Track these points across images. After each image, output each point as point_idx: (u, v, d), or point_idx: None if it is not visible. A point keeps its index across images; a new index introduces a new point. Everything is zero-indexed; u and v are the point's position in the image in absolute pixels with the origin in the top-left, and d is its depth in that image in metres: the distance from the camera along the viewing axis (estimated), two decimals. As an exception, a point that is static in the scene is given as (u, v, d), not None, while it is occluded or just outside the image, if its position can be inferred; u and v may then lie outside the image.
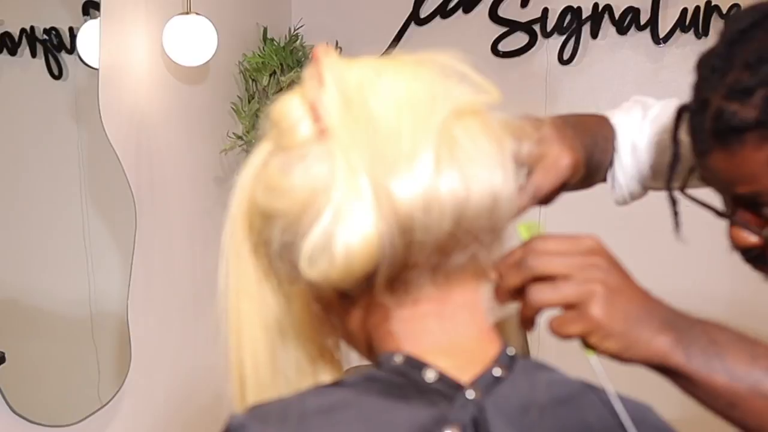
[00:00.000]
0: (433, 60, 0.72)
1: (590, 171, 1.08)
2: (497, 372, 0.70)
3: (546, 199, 0.92)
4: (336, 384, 0.70)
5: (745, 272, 0.97)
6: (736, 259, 0.96)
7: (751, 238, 0.90)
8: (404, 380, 0.68)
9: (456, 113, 0.69)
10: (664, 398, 1.30)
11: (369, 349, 0.75)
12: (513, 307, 0.77)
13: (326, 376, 0.79)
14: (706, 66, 0.89)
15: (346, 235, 0.64)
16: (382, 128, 0.67)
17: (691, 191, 0.97)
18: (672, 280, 2.32)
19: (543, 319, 0.78)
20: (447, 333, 0.71)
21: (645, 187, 1.20)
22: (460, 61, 0.73)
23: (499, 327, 0.76)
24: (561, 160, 0.89)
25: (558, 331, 0.74)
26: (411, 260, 0.67)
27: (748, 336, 0.79)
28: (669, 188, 0.96)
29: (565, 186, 0.92)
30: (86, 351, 2.15)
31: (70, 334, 2.09)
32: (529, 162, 0.80)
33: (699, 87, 0.89)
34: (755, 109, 0.82)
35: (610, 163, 1.19)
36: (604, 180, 1.21)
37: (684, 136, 0.93)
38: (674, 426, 0.76)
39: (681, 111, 0.93)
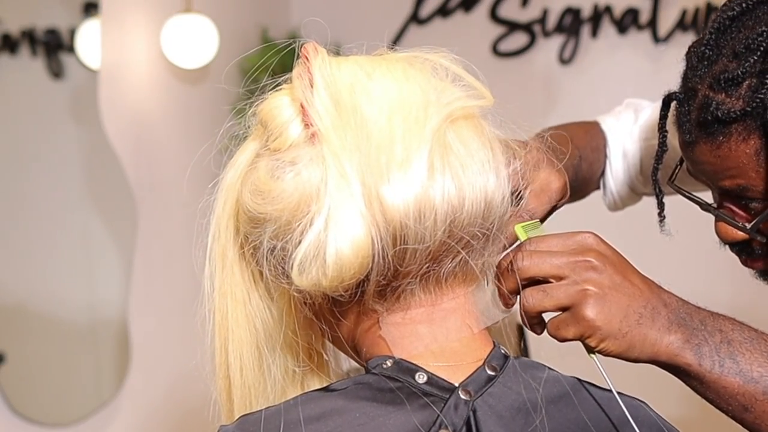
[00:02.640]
0: (425, 59, 0.71)
1: (575, 188, 1.05)
2: (488, 372, 0.69)
3: None
4: (325, 390, 0.69)
5: (746, 277, 0.96)
6: (737, 264, 0.94)
7: (737, 233, 0.87)
8: (395, 384, 0.68)
9: (449, 118, 0.68)
10: (664, 396, 1.29)
11: (358, 354, 0.74)
12: (505, 311, 0.76)
13: (314, 378, 0.79)
14: (694, 54, 0.86)
15: (337, 243, 0.63)
16: (374, 133, 0.65)
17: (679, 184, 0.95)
18: (672, 285, 2.31)
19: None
20: (437, 337, 0.70)
21: (637, 193, 1.18)
22: (453, 62, 0.71)
23: (493, 327, 0.76)
24: (551, 183, 0.85)
25: (554, 335, 0.73)
26: (403, 269, 0.66)
27: (766, 334, 0.76)
28: (654, 179, 0.93)
29: (554, 208, 0.89)
30: (86, 351, 2.15)
31: (70, 334, 2.09)
32: (517, 185, 0.78)
33: (686, 76, 0.86)
34: (741, 99, 0.79)
35: (603, 171, 1.17)
36: (599, 187, 1.20)
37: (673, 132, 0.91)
38: (674, 425, 0.76)
39: (668, 100, 0.89)
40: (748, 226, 0.85)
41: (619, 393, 0.73)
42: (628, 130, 1.16)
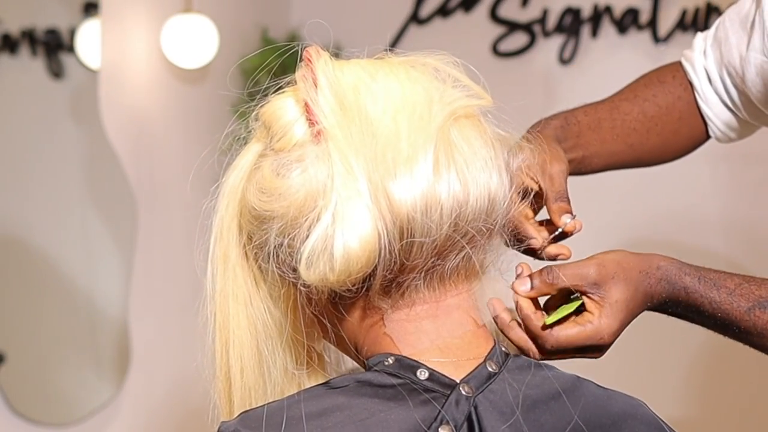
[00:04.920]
0: (426, 63, 0.73)
1: (592, 162, 1.07)
2: (489, 368, 0.70)
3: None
4: (327, 387, 0.70)
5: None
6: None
7: None
8: (396, 381, 0.68)
9: (452, 116, 0.69)
10: (664, 396, 1.30)
11: (359, 352, 0.74)
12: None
13: (312, 380, 0.79)
14: None
15: (345, 237, 0.64)
16: (379, 131, 0.67)
17: None
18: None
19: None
20: (441, 332, 0.71)
21: (743, 117, 1.12)
22: (452, 65, 0.73)
23: (494, 326, 0.77)
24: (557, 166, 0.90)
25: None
26: (409, 263, 0.68)
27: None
28: None
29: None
30: (86, 351, 2.15)
31: (70, 334, 2.09)
32: (523, 179, 0.83)
33: None
34: None
35: (696, 103, 1.13)
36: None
37: None
38: (674, 425, 0.76)
39: None
40: None
41: (618, 392, 0.73)
42: (701, 53, 1.13)
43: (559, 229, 0.85)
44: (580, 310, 0.77)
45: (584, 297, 0.77)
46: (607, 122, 1.10)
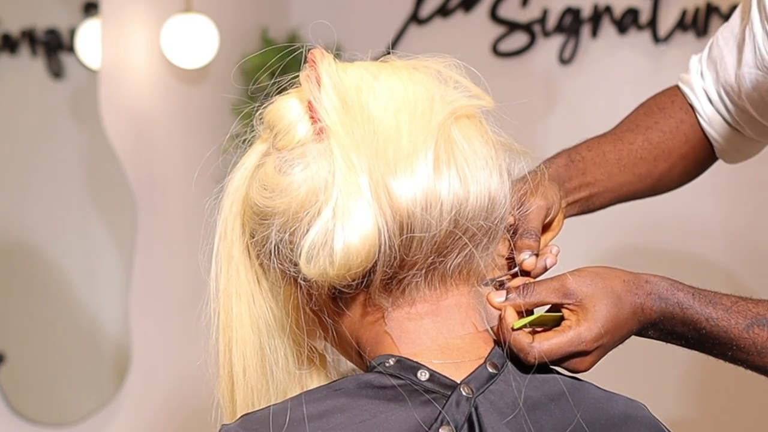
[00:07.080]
0: (428, 65, 0.74)
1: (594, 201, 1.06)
2: (489, 370, 0.70)
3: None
4: (329, 389, 0.70)
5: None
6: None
7: None
8: (397, 382, 0.68)
9: (453, 115, 0.69)
10: (663, 397, 1.30)
11: (359, 351, 0.75)
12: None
13: (314, 379, 0.80)
14: None
15: (345, 232, 0.65)
16: (380, 128, 0.67)
17: None
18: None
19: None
20: (442, 331, 0.71)
21: (748, 135, 1.12)
22: (455, 68, 0.74)
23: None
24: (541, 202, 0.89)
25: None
26: (409, 259, 0.68)
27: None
28: None
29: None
30: (86, 351, 2.15)
31: (70, 334, 2.09)
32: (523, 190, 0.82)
33: None
34: None
35: (699, 125, 1.13)
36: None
37: None
38: (673, 426, 0.76)
39: None
40: None
41: (619, 394, 0.73)
42: (698, 74, 1.12)
43: (516, 267, 0.83)
44: (560, 322, 0.76)
45: (563, 309, 0.76)
46: (612, 154, 1.08)
